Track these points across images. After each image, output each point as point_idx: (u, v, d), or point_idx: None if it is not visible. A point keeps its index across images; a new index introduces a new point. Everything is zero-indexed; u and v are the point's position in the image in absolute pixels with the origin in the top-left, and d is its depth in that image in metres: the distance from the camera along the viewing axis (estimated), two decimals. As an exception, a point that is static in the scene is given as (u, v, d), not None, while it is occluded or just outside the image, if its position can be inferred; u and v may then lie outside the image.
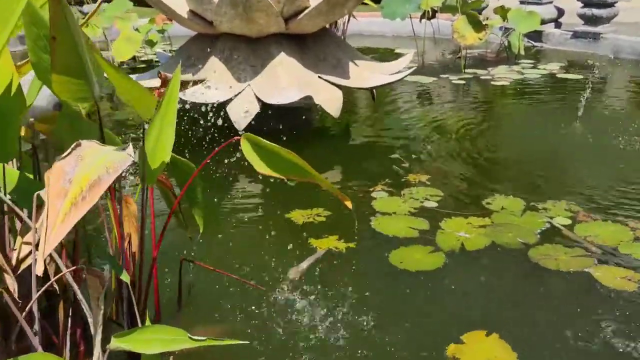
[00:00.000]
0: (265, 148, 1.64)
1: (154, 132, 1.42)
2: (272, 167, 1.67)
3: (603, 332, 1.85)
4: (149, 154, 1.43)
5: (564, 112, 4.45)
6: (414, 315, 1.96)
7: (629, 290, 2.09)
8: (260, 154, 1.65)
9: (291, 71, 3.51)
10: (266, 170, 1.67)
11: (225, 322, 1.92)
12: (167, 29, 6.33)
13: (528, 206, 2.74)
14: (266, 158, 1.66)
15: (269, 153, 1.65)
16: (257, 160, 1.65)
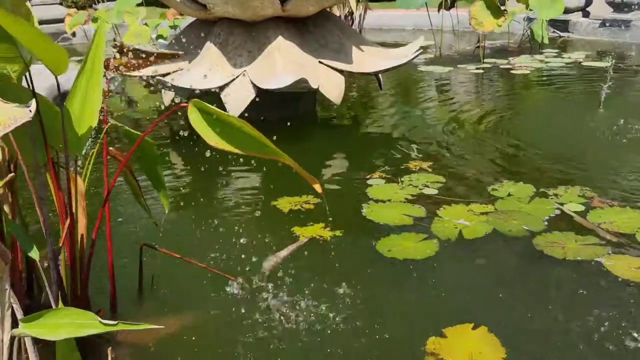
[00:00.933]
0: (217, 118, 1.46)
1: (79, 94, 1.26)
2: (226, 139, 1.48)
3: (609, 328, 1.62)
4: (75, 119, 1.27)
5: (588, 99, 4.19)
6: (393, 308, 1.75)
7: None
8: (211, 125, 1.47)
9: (289, 56, 3.33)
10: (219, 143, 1.49)
11: (188, 312, 1.74)
12: (179, 24, 6.23)
13: (537, 192, 2.51)
14: (218, 129, 1.47)
15: (222, 124, 1.47)
16: (207, 131, 1.47)
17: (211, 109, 1.45)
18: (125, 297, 1.78)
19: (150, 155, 1.78)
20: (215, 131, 1.47)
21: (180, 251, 1.87)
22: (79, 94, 1.25)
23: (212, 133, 1.48)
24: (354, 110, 4.12)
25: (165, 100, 3.57)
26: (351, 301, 1.75)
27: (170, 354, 1.57)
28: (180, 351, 1.57)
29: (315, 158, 3.10)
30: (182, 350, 1.57)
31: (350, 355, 1.53)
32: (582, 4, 7.14)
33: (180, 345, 1.59)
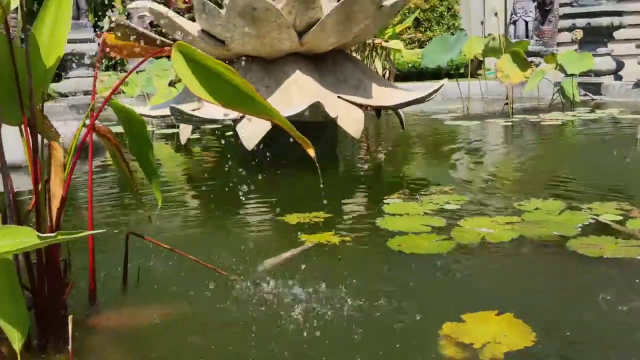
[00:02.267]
0: (204, 65, 1.35)
1: (48, 20, 1.17)
2: (211, 91, 1.37)
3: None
4: (43, 49, 1.17)
5: (623, 141, 3.99)
6: (402, 297, 1.54)
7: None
8: (197, 73, 1.36)
9: (306, 89, 3.27)
10: (205, 96, 1.37)
11: (173, 304, 1.56)
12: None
13: (569, 206, 2.29)
14: (204, 78, 1.36)
15: (209, 72, 1.36)
16: (192, 80, 1.36)
17: (198, 55, 1.35)
18: (107, 287, 1.62)
19: (140, 135, 1.67)
20: (201, 81, 1.36)
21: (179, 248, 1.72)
22: (48, 20, 1.16)
23: (197, 83, 1.37)
24: (375, 152, 4.01)
25: (182, 137, 3.52)
26: (355, 290, 1.55)
27: (150, 342, 1.38)
28: (162, 340, 1.38)
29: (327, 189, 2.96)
30: (163, 339, 1.39)
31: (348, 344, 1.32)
32: (614, 67, 7.05)
33: (161, 335, 1.40)
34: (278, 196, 2.70)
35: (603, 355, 1.24)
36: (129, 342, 1.37)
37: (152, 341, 1.37)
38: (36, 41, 1.16)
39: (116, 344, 1.36)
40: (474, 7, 11.35)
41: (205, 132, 5.48)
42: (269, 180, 3.03)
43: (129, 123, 1.65)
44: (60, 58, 1.19)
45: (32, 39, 1.15)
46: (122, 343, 1.37)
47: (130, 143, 1.67)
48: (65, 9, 1.16)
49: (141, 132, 1.67)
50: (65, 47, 1.33)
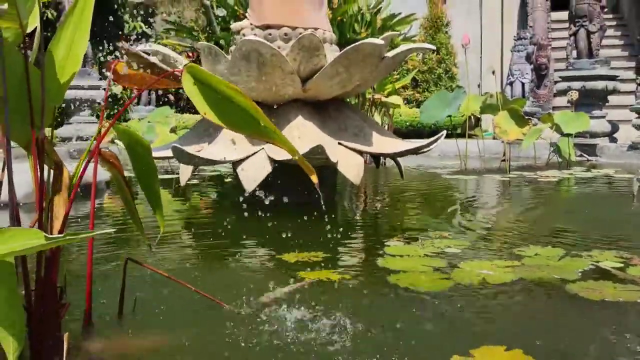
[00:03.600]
0: (213, 88, 1.37)
1: (66, 37, 1.19)
2: (220, 113, 1.39)
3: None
4: (59, 65, 1.20)
5: (620, 198, 4.01)
6: (404, 332, 1.51)
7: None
8: (206, 94, 1.38)
9: (308, 134, 3.31)
10: (212, 117, 1.39)
11: (170, 332, 1.53)
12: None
13: (568, 253, 2.29)
14: (213, 100, 1.38)
15: (218, 94, 1.38)
16: (201, 101, 1.38)
17: (208, 77, 1.37)
18: (103, 314, 1.59)
19: (145, 162, 1.68)
20: (209, 103, 1.39)
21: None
22: (66, 35, 1.19)
23: (206, 105, 1.39)
24: (374, 201, 4.02)
25: (182, 179, 3.53)
26: (355, 326, 1.52)
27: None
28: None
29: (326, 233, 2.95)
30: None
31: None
32: (609, 129, 7.17)
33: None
34: (277, 237, 2.69)
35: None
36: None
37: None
38: (52, 57, 1.18)
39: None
40: (472, 67, 11.64)
41: (204, 178, 5.50)
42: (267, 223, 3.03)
43: (133, 149, 1.66)
44: (75, 74, 1.21)
45: (49, 55, 1.18)
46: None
47: (135, 170, 1.67)
48: (84, 25, 1.19)
49: (146, 159, 1.68)
50: (69, 93, 1.35)
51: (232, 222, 3.21)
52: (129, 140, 1.64)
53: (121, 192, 1.70)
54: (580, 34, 7.03)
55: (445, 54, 12.62)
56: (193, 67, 1.37)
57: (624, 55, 11.55)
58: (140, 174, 1.68)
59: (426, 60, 12.59)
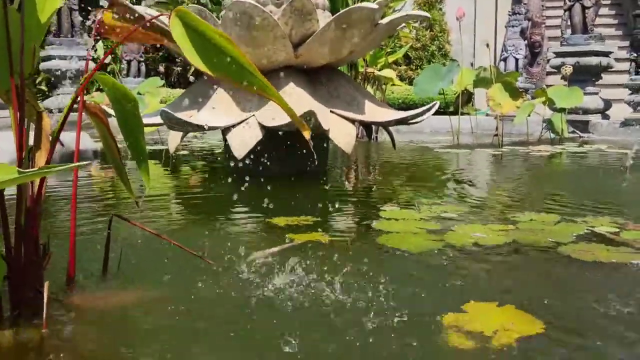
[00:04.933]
0: (203, 34, 1.31)
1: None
2: (209, 62, 1.33)
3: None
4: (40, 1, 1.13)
5: (613, 169, 3.99)
6: (395, 289, 1.48)
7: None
8: (195, 41, 1.32)
9: (300, 101, 3.25)
10: (201, 66, 1.33)
11: (154, 290, 1.49)
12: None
13: (564, 219, 2.26)
14: (203, 48, 1.33)
15: (207, 41, 1.32)
16: (190, 49, 1.33)
17: (197, 23, 1.32)
18: (87, 270, 1.55)
19: (131, 115, 1.63)
20: (199, 51, 1.33)
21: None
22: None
23: (195, 53, 1.33)
24: (367, 172, 3.98)
25: (171, 146, 3.47)
26: (344, 284, 1.48)
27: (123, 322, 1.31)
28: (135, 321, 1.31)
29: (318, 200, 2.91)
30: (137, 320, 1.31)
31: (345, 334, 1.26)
32: (602, 106, 7.14)
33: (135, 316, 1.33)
34: (267, 204, 2.65)
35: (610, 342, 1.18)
36: (102, 321, 1.30)
37: (125, 321, 1.30)
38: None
39: (89, 322, 1.29)
40: (465, 46, 11.55)
41: (194, 150, 5.43)
42: (258, 190, 2.99)
43: (119, 102, 1.60)
44: (56, 9, 1.15)
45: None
46: (95, 321, 1.29)
47: (120, 124, 1.62)
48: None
49: (132, 112, 1.62)
50: (57, 64, 1.28)
51: (222, 190, 3.17)
52: (114, 92, 1.58)
53: (107, 148, 1.65)
54: (575, 9, 6.97)
55: (438, 31, 12.52)
56: (182, 11, 1.31)
57: (618, 35, 11.49)
58: (126, 128, 1.62)
59: (419, 37, 12.49)
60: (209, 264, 1.61)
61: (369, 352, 1.12)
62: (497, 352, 1.13)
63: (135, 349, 1.16)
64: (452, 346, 1.16)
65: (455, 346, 1.16)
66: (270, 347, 1.14)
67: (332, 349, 1.13)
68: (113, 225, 1.59)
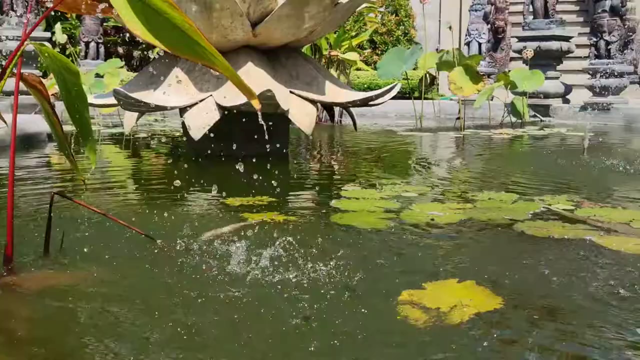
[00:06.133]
0: (147, 3, 1.24)
1: None
2: (151, 29, 1.26)
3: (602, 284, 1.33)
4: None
5: (571, 150, 4.04)
6: (352, 267, 1.44)
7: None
8: (139, 11, 1.25)
9: (259, 82, 3.18)
10: (144, 34, 1.26)
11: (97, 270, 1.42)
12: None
13: (522, 198, 2.26)
14: (148, 18, 1.26)
15: (153, 11, 1.25)
16: (131, 16, 1.25)
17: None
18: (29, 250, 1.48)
19: (74, 88, 1.55)
20: (142, 19, 1.26)
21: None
22: None
23: (138, 21, 1.26)
24: (330, 153, 3.95)
25: (126, 126, 3.38)
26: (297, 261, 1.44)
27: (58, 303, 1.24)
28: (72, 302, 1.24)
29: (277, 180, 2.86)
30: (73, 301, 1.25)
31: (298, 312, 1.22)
32: (562, 90, 7.23)
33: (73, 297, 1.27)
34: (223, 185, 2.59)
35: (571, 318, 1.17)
36: (37, 301, 1.23)
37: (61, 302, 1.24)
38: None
39: (23, 303, 1.22)
40: (430, 32, 11.58)
41: (155, 132, 5.32)
42: (214, 171, 2.93)
43: (60, 74, 1.52)
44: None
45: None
46: (30, 302, 1.23)
47: (63, 97, 1.54)
48: None
49: (75, 85, 1.54)
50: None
51: (179, 171, 3.10)
52: (54, 64, 1.50)
53: (50, 122, 1.57)
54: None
55: (404, 16, 12.52)
56: (119, -23, 1.24)
57: (579, 21, 11.66)
58: (69, 101, 1.55)
59: (385, 22, 12.47)
60: (155, 243, 1.55)
61: (316, 329, 1.08)
62: (451, 328, 1.11)
63: (65, 329, 1.11)
64: (406, 321, 1.13)
65: (409, 321, 1.13)
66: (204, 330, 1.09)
67: (275, 327, 1.09)
68: (64, 207, 1.52)
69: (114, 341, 1.04)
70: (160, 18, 1.27)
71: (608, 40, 6.58)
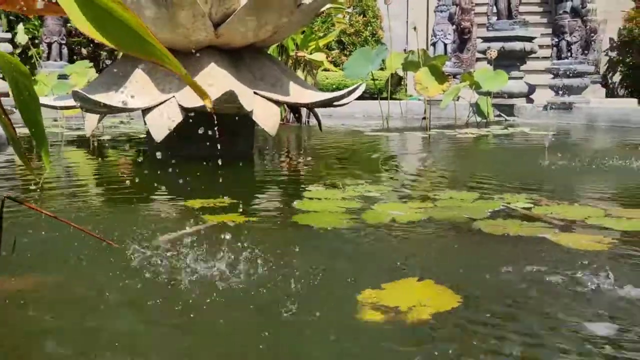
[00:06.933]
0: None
1: None
2: (100, 28, 1.24)
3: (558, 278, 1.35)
4: None
5: (533, 150, 4.11)
6: (311, 267, 1.44)
7: (598, 249, 1.60)
8: (84, 7, 1.23)
9: (222, 83, 3.16)
10: (91, 32, 1.24)
11: (52, 276, 1.40)
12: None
13: (482, 197, 2.29)
14: (95, 15, 1.23)
15: (99, 8, 1.23)
16: (79, 15, 1.23)
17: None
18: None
19: (25, 91, 1.52)
20: (89, 17, 1.24)
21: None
22: None
23: (85, 20, 1.24)
24: (296, 155, 3.94)
25: (87, 129, 3.32)
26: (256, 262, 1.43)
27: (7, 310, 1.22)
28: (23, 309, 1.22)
29: (241, 182, 2.85)
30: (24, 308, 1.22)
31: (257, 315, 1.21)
32: (526, 90, 7.34)
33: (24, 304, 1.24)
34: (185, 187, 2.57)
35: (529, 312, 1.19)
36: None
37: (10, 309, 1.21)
38: None
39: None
40: (398, 33, 11.65)
41: (120, 135, 5.25)
42: (177, 173, 2.89)
43: (11, 74, 1.49)
44: None
45: None
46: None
47: (15, 100, 1.51)
48: None
49: (27, 87, 1.51)
50: None
51: (142, 174, 3.06)
52: (7, 66, 1.47)
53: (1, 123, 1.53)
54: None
55: (372, 16, 12.57)
56: (66, -26, 1.22)
57: (542, 22, 11.86)
58: (21, 104, 1.51)
59: (353, 23, 12.50)
60: (112, 246, 1.53)
61: (273, 327, 1.08)
62: (408, 327, 1.11)
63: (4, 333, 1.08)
64: (364, 321, 1.13)
65: (367, 321, 1.13)
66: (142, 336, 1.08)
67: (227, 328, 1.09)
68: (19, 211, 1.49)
69: (55, 345, 1.02)
70: (108, 15, 1.25)
71: (569, 41, 6.71)
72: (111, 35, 1.27)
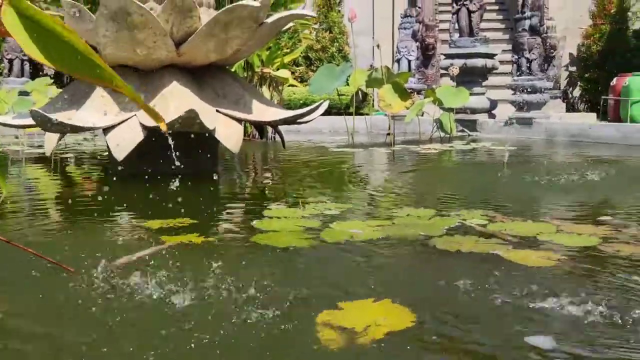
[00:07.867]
0: (37, 21, 1.22)
1: None
2: (47, 52, 1.24)
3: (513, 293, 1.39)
4: None
5: (493, 164, 4.20)
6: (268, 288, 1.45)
7: (546, 266, 1.64)
8: (32, 32, 1.23)
9: (184, 101, 3.16)
10: (39, 56, 1.24)
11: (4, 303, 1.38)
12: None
13: (439, 214, 2.33)
14: (42, 39, 1.24)
15: (46, 31, 1.24)
16: (26, 39, 1.23)
17: (31, 11, 1.23)
18: None
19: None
20: (35, 40, 1.24)
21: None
22: None
23: (32, 43, 1.24)
24: (260, 172, 3.95)
25: (47, 148, 3.28)
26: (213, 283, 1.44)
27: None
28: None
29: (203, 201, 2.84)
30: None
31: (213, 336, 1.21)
32: (488, 105, 7.49)
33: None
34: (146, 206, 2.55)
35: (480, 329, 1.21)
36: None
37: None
38: None
39: None
40: (364, 49, 11.78)
41: (83, 152, 5.19)
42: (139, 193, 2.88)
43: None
44: None
45: None
46: None
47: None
48: None
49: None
50: None
51: (103, 193, 3.03)
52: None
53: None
54: (461, 13, 7.29)
55: (338, 32, 12.70)
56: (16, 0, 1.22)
57: (504, 38, 12.13)
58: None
59: (319, 39, 12.61)
60: (67, 271, 1.51)
61: (231, 349, 1.08)
62: (362, 348, 1.13)
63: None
64: (320, 342, 1.14)
65: (323, 342, 1.14)
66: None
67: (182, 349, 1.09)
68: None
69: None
70: (55, 38, 1.25)
71: (529, 58, 6.89)
72: (58, 59, 1.27)
